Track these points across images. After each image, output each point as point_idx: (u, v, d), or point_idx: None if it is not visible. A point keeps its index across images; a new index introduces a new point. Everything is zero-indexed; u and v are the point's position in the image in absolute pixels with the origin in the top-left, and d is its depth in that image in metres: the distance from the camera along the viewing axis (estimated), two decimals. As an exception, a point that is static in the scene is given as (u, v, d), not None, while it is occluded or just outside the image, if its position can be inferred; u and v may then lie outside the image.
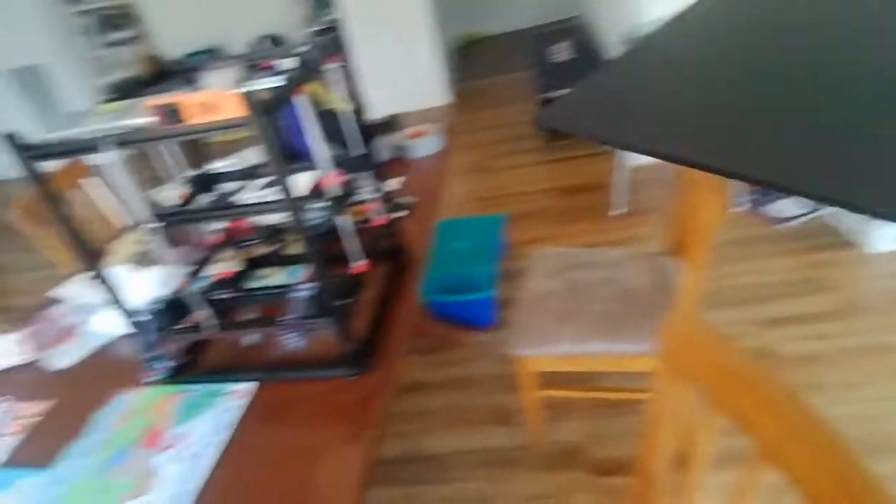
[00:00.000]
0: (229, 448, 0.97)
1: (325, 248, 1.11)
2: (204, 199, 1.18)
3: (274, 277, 1.40)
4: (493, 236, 2.56)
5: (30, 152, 0.81)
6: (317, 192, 1.00)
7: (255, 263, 1.41)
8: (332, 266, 1.05)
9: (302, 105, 0.93)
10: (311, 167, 1.43)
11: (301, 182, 1.60)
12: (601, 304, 1.52)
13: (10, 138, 0.79)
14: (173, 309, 1.06)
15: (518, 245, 2.81)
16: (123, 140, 0.78)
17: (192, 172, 1.24)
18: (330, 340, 1.01)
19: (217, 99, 0.73)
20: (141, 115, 0.82)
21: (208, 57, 4.78)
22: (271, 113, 0.76)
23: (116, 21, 4.81)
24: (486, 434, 1.92)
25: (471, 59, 5.95)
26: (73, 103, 5.00)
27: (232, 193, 1.30)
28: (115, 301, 1.05)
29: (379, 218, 1.22)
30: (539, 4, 6.19)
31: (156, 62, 1.12)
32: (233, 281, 1.13)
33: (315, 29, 4.55)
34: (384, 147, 1.84)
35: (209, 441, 0.98)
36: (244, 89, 0.82)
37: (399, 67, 4.25)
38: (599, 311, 1.51)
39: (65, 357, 1.27)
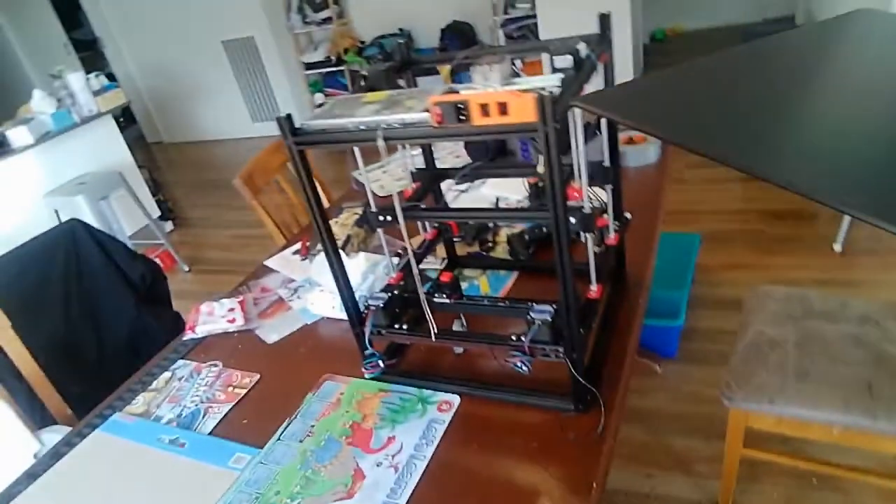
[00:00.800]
0: (432, 465, 0.91)
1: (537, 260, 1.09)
2: (429, 196, 1.13)
3: (477, 280, 1.34)
4: (686, 257, 2.32)
5: (299, 137, 0.79)
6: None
7: (455, 261, 1.36)
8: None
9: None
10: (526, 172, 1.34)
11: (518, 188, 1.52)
12: (850, 368, 1.27)
13: (286, 120, 0.78)
14: (391, 305, 1.02)
15: (709, 270, 2.54)
16: (402, 136, 0.72)
17: (415, 161, 1.19)
18: (550, 366, 0.91)
19: (507, 101, 0.65)
20: (409, 108, 0.77)
21: (398, 40, 4.91)
22: (560, 119, 0.67)
23: (319, 0, 5.10)
24: (661, 479, 1.74)
25: (664, 55, 5.54)
26: (276, 75, 5.41)
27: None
28: (336, 284, 1.02)
29: (611, 236, 1.09)
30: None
31: (404, 49, 1.08)
32: (450, 284, 1.06)
33: (505, 18, 4.48)
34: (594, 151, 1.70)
35: (416, 454, 0.93)
36: (524, 87, 0.73)
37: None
38: (848, 375, 1.26)
39: (274, 331, 1.30)
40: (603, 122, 1.05)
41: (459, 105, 0.67)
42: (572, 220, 0.86)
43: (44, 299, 1.63)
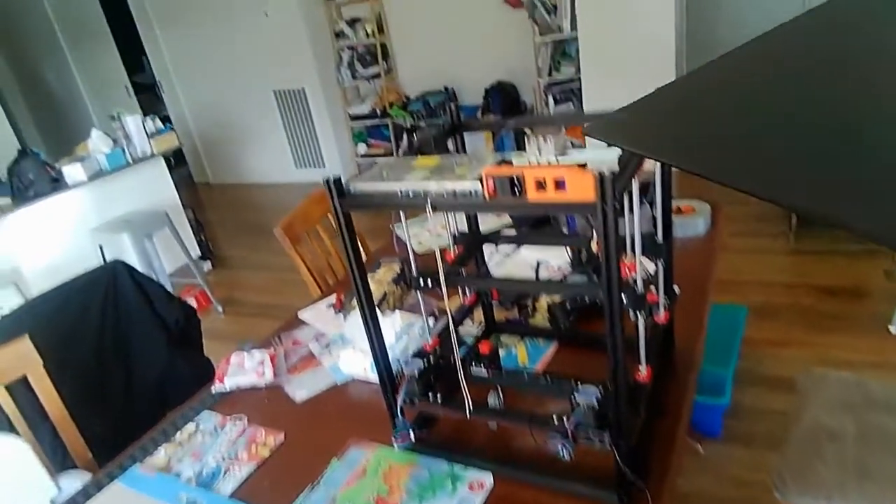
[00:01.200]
0: (462, 551, 0.85)
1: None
2: (471, 259, 1.10)
3: (515, 348, 1.29)
4: (732, 331, 2.22)
5: (347, 199, 0.78)
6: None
7: (493, 327, 1.31)
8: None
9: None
10: (576, 241, 1.30)
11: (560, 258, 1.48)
12: (920, 471, 1.17)
13: (335, 183, 0.76)
14: (425, 373, 0.98)
15: (754, 344, 2.42)
16: (452, 205, 0.70)
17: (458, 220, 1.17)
18: (591, 448, 0.84)
19: (565, 178, 0.62)
20: (460, 176, 0.74)
21: (448, 103, 5.02)
22: (619, 199, 0.63)
23: (369, 57, 5.28)
24: (703, 572, 1.60)
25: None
26: (322, 124, 5.57)
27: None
28: (371, 351, 0.99)
29: (661, 313, 1.04)
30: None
31: (453, 112, 1.08)
32: (489, 355, 1.02)
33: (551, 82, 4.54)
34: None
35: (444, 538, 0.86)
36: (579, 161, 0.70)
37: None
38: (917, 479, 1.15)
39: (302, 388, 1.26)
40: (658, 191, 1.01)
41: (515, 179, 0.64)
42: (623, 298, 0.82)
43: (78, 337, 1.64)
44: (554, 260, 1.56)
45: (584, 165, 0.67)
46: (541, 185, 0.63)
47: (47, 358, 1.46)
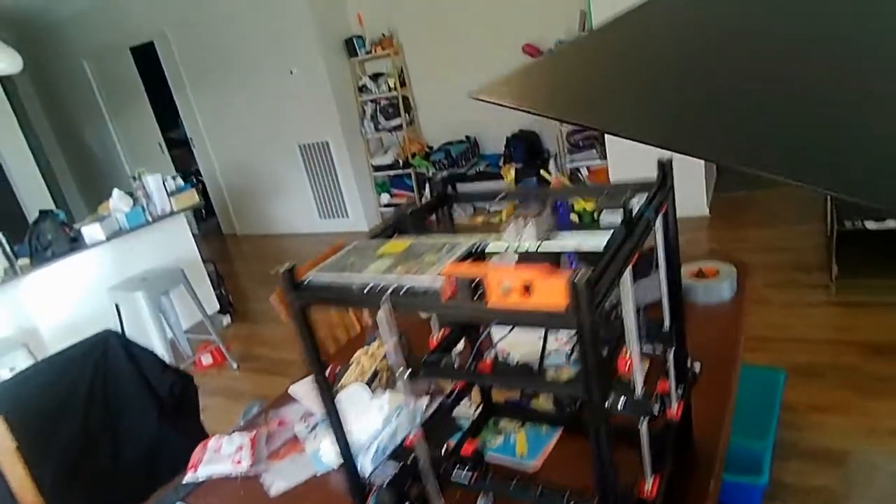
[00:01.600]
0: None
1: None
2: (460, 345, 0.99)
3: (515, 433, 1.16)
4: (769, 398, 2.03)
5: (301, 293, 0.69)
6: (614, 377, 0.74)
7: (490, 409, 1.19)
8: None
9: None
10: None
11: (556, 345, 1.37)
12: None
13: (287, 273, 0.68)
14: (400, 478, 0.86)
15: (794, 410, 2.21)
16: (408, 305, 0.61)
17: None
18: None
19: (532, 281, 0.52)
20: (428, 265, 0.65)
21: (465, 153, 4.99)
22: (599, 304, 0.53)
23: (391, 110, 5.33)
24: None
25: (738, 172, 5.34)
26: (345, 176, 5.60)
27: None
28: (340, 439, 0.88)
29: (673, 407, 0.91)
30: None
31: (440, 186, 0.99)
32: (472, 458, 0.90)
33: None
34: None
35: None
36: (563, 249, 0.60)
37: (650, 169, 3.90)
38: None
39: (281, 479, 1.15)
40: (662, 267, 0.90)
41: (474, 282, 0.54)
42: (621, 402, 0.70)
43: (66, 412, 1.57)
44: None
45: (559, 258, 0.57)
46: (505, 290, 0.54)
47: (32, 433, 1.39)
